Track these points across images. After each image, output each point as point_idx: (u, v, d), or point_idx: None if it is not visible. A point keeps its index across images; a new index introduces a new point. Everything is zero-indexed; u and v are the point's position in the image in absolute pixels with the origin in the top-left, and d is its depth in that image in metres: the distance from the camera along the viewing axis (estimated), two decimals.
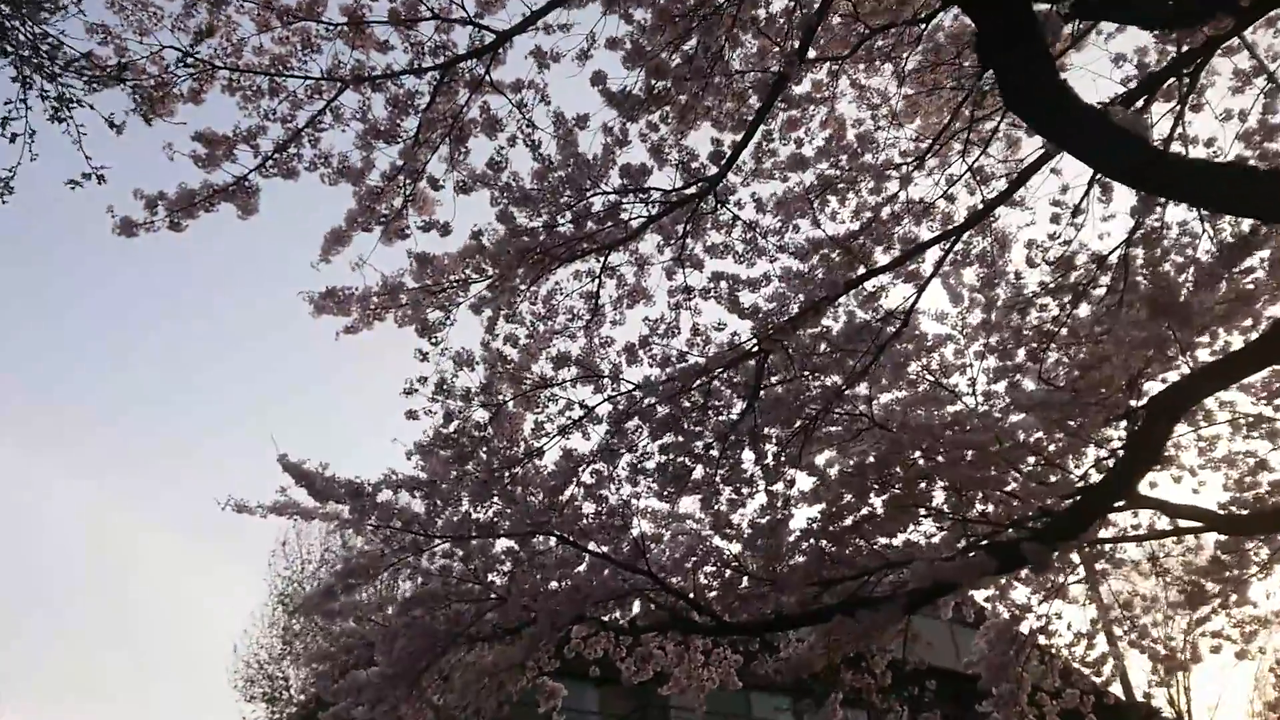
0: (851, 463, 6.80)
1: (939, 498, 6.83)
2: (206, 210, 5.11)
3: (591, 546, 6.48)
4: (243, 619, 34.82)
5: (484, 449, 5.64)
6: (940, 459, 6.40)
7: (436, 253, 5.60)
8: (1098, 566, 8.96)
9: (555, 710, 8.10)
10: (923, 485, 6.54)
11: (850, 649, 6.53)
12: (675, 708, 22.02)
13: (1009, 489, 6.70)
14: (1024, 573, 8.88)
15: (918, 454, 6.52)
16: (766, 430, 6.28)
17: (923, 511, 6.73)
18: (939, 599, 6.58)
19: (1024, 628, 8.86)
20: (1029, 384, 7.64)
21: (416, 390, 5.44)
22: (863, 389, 6.98)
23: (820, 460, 6.82)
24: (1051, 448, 7.22)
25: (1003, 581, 9.20)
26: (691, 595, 6.35)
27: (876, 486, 6.63)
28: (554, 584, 6.72)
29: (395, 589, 7.35)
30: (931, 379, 7.89)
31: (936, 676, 9.53)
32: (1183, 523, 7.47)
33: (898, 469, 6.54)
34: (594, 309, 5.87)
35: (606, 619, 6.76)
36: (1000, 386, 7.82)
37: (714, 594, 6.89)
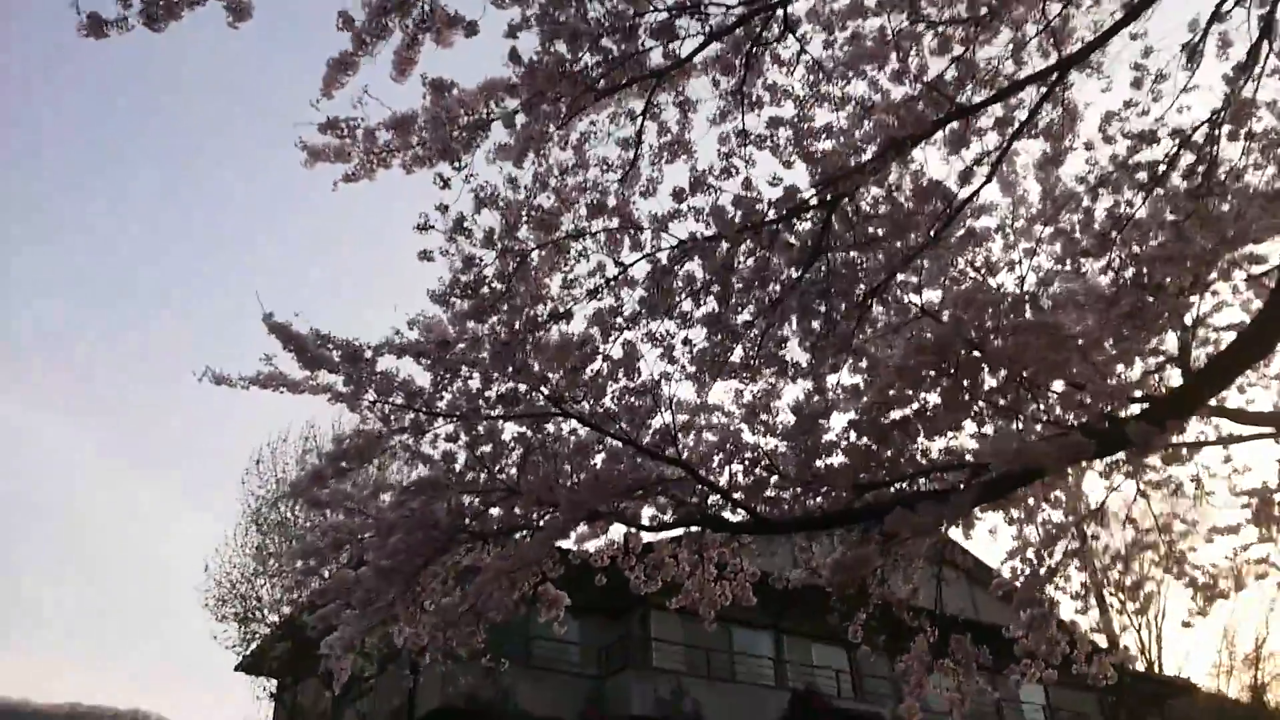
0: (902, 351, 6.13)
1: (998, 392, 6.19)
2: (192, 4, 4.27)
3: (613, 434, 5.79)
4: (214, 539, 34.15)
5: (505, 304, 4.89)
6: (1006, 344, 5.75)
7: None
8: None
9: (557, 619, 7.47)
10: (984, 375, 5.88)
11: (903, 552, 5.93)
12: (656, 639, 21.71)
13: (1079, 384, 6.08)
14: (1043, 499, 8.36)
15: (979, 340, 5.87)
16: (818, 304, 5.58)
17: (980, 406, 6.08)
18: (1004, 495, 5.96)
19: (1059, 550, 8.34)
20: (1081, 283, 7.02)
21: (432, 227, 4.67)
22: (906, 281, 6.34)
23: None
24: (1109, 347, 6.61)
25: (1030, 502, 8.67)
26: (728, 490, 5.68)
27: (932, 376, 5.97)
28: (569, 477, 6.06)
29: (389, 478, 6.63)
30: (978, 276, 7.26)
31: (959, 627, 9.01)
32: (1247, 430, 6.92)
33: (956, 357, 5.87)
34: (633, 159, 5.10)
35: (627, 514, 6.08)
36: (1055, 285, 7.21)
37: (741, 494, 6.24)
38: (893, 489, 6.32)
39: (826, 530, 6.17)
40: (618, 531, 7.36)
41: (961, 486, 5.43)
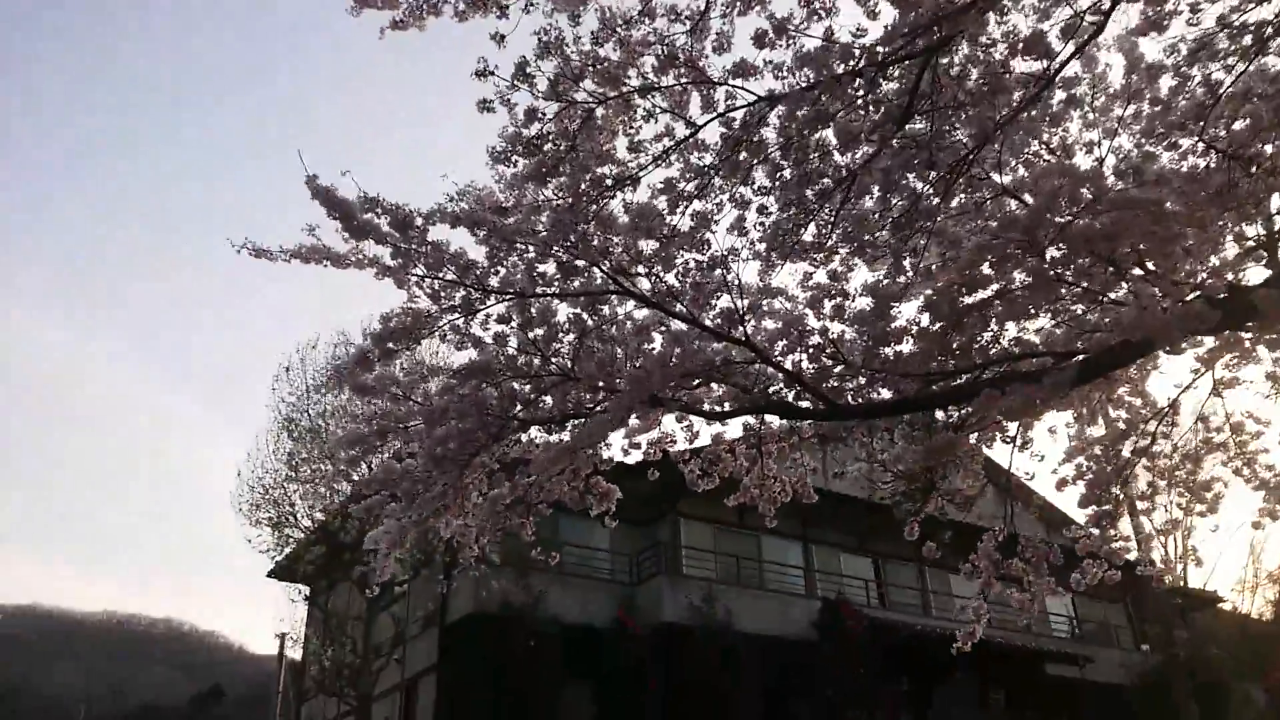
0: (986, 229, 5.71)
1: (1085, 274, 5.77)
2: None
3: (676, 314, 5.42)
4: (245, 450, 34.10)
5: (567, 166, 4.48)
6: (1100, 221, 5.32)
7: None
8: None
9: (607, 514, 7.24)
10: (1074, 253, 5.46)
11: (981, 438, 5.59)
12: (687, 547, 21.72)
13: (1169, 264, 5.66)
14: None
15: (1071, 217, 5.44)
16: (902, 175, 5.15)
17: (1067, 287, 5.67)
18: (1104, 374, 5.58)
19: (1126, 448, 8.00)
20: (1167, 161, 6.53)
21: (492, 73, 4.23)
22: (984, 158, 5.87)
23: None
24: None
25: (1095, 400, 8.29)
26: (797, 374, 5.33)
27: (1019, 253, 5.56)
28: (626, 363, 5.72)
29: (438, 363, 6.30)
30: (1054, 159, 6.78)
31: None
32: None
33: (1047, 233, 5.45)
34: (703, 8, 4.61)
35: (688, 401, 5.75)
36: (1138, 164, 6.71)
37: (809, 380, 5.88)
38: (960, 379, 5.97)
39: (898, 416, 5.82)
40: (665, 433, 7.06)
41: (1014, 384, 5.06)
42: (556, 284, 5.37)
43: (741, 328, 5.26)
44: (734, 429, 7.79)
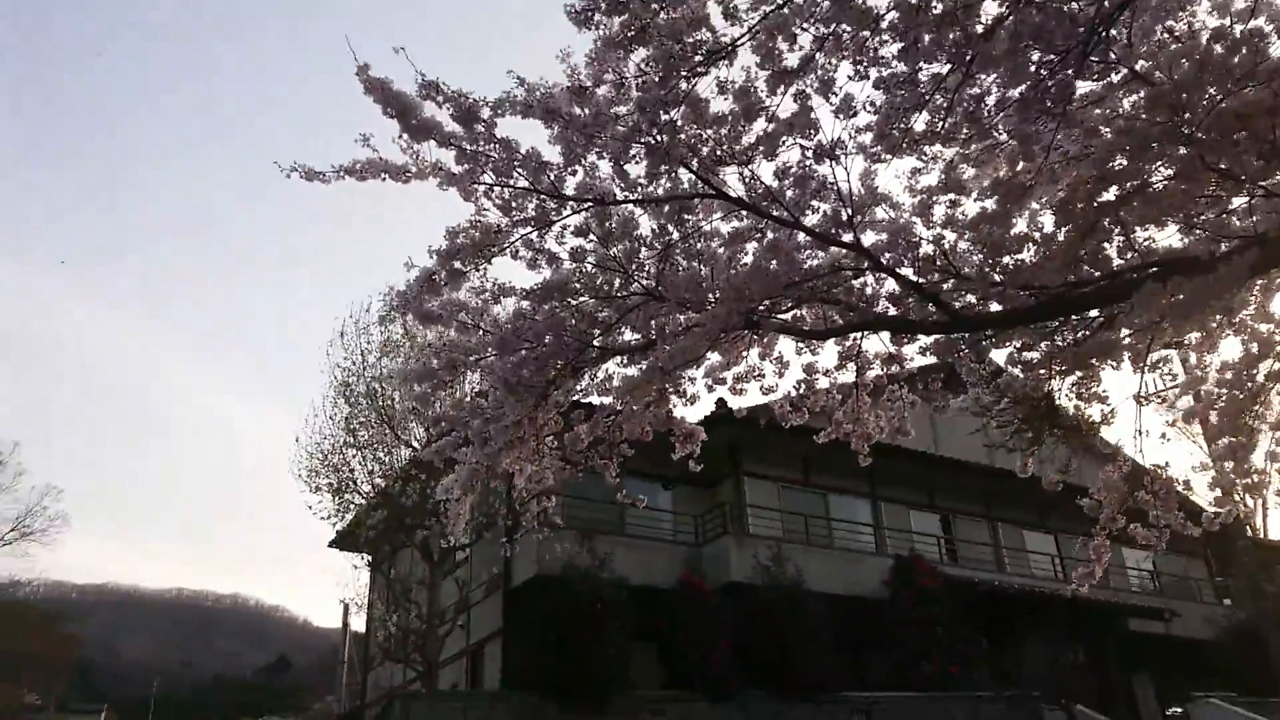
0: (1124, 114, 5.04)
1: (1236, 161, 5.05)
2: None
3: (775, 218, 4.82)
4: (298, 425, 34.03)
5: (656, 33, 3.89)
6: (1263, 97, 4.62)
7: None
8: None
9: (692, 456, 6.72)
10: (1229, 134, 4.75)
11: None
12: (752, 505, 21.18)
13: None
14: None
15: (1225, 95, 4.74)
16: (1028, 47, 4.49)
17: (1218, 179, 4.97)
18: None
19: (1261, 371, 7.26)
20: None
21: None
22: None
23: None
24: None
25: (1214, 324, 7.54)
26: (915, 281, 4.71)
27: (1161, 142, 4.87)
28: (716, 279, 5.14)
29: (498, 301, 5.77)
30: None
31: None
32: None
33: (1198, 113, 4.76)
34: None
35: (788, 320, 5.16)
36: None
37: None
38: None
39: (1030, 325, 5.18)
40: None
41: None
42: (639, 189, 4.80)
43: (851, 232, 4.66)
44: (825, 359, 7.19)
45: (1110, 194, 5.11)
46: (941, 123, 4.88)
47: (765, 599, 17.79)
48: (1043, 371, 6.06)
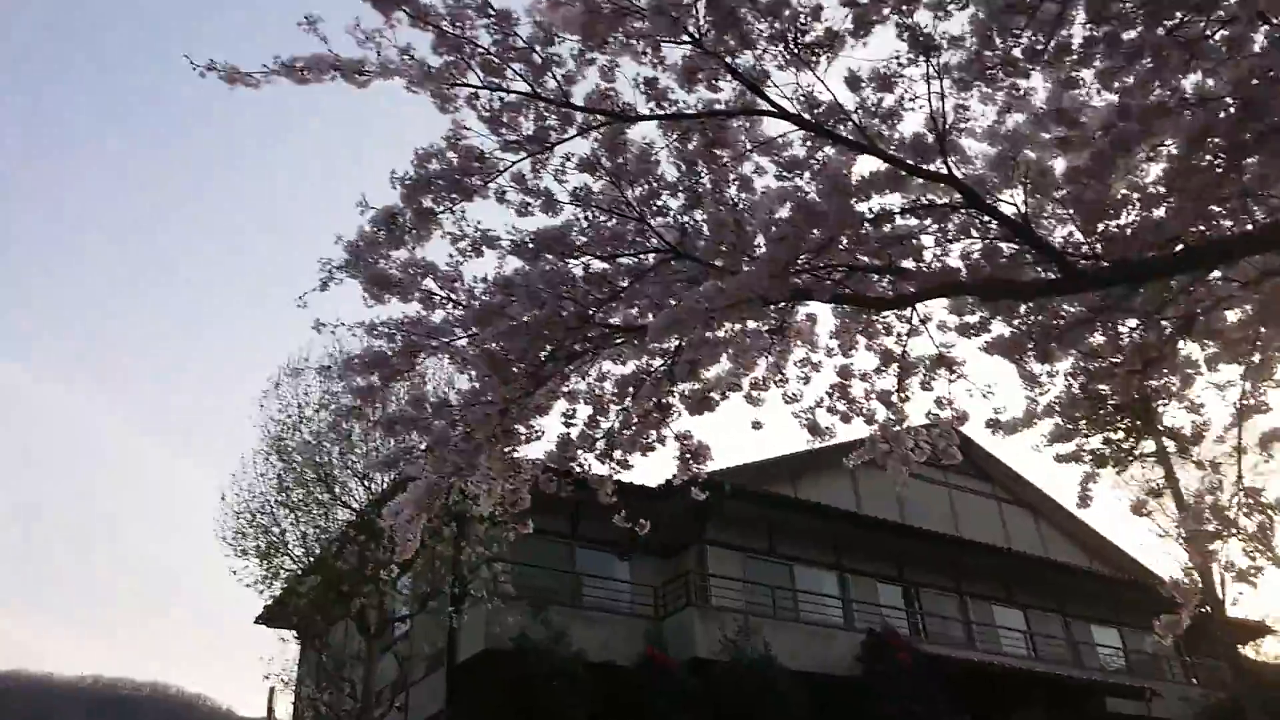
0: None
1: None
2: None
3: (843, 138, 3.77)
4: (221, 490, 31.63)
5: None
6: None
7: None
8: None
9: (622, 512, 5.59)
10: None
11: None
12: (715, 576, 19.87)
13: None
14: None
15: None
16: None
17: None
18: None
19: None
20: None
21: None
22: None
23: None
24: None
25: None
26: (1024, 223, 3.67)
27: None
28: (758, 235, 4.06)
29: (479, 253, 4.58)
30: None
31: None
32: None
33: None
34: None
35: (842, 280, 4.07)
36: None
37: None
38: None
39: (1161, 278, 4.15)
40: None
41: None
42: (665, 105, 3.73)
43: (942, 159, 3.62)
44: (861, 361, 6.11)
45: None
46: (1047, 40, 3.91)
47: (734, 676, 16.41)
48: (1131, 371, 5.05)
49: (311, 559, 15.96)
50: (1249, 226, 4.00)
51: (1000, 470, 27.84)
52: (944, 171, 3.63)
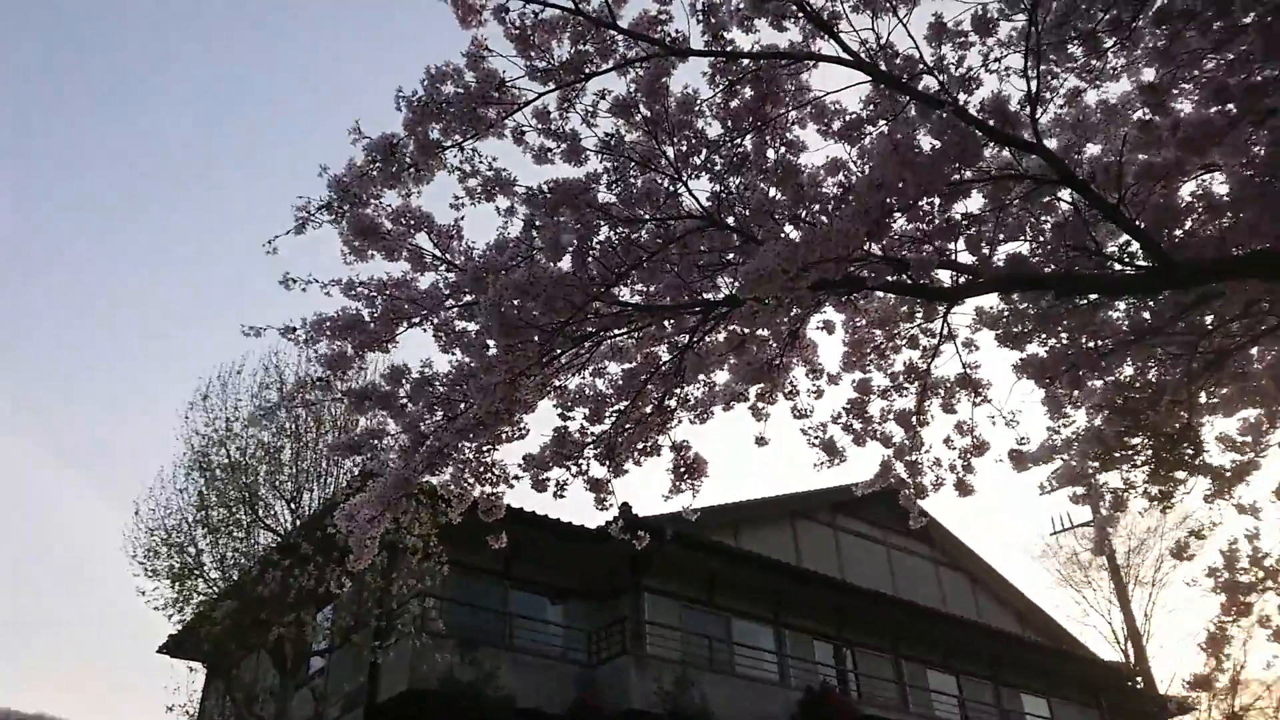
0: None
1: None
2: None
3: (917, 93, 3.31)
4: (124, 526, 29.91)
5: None
6: None
7: None
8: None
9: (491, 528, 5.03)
10: None
11: None
12: (651, 623, 19.15)
13: None
14: None
15: None
16: None
17: None
18: None
19: None
20: None
21: None
22: None
23: None
24: None
25: None
26: (1117, 208, 3.24)
27: None
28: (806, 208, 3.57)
29: (491, 197, 4.03)
30: None
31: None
32: None
33: None
34: None
35: (891, 272, 3.59)
36: None
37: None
38: None
39: (1260, 279, 3.73)
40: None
41: None
42: (720, 45, 3.23)
43: (1033, 129, 3.17)
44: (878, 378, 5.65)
45: None
46: (1132, 14, 3.52)
47: None
48: (1174, 401, 4.65)
49: (229, 583, 14.91)
50: None
51: (940, 533, 27.65)
52: (1032, 139, 3.19)
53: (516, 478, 4.21)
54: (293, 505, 15.53)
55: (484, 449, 4.12)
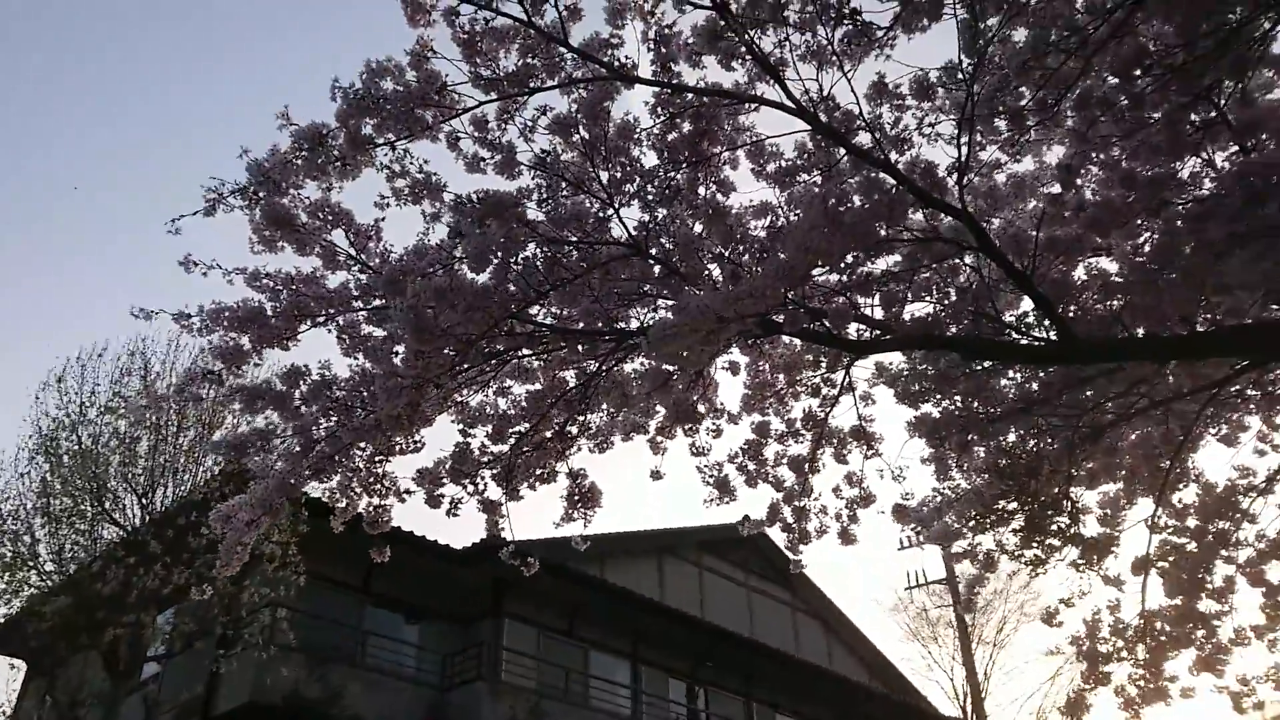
0: None
1: None
2: None
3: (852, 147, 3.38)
4: None
5: None
6: None
7: None
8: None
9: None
10: None
11: None
12: (509, 650, 18.83)
13: None
14: None
15: None
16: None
17: None
18: None
19: None
20: None
21: None
22: None
23: None
24: None
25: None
26: (1025, 276, 3.36)
27: None
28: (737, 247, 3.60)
29: (418, 200, 3.91)
30: None
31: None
32: None
33: None
34: None
35: (817, 322, 3.65)
36: None
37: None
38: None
39: (1183, 360, 3.91)
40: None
41: None
42: (667, 71, 3.24)
43: (958, 192, 3.28)
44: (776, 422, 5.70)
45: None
46: (1056, 98, 3.69)
47: None
48: (1056, 469, 4.85)
49: (64, 577, 14.00)
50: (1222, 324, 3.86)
51: (800, 580, 28.17)
52: (956, 204, 3.29)
53: (409, 491, 4.09)
54: (144, 500, 14.71)
55: (376, 459, 3.99)
